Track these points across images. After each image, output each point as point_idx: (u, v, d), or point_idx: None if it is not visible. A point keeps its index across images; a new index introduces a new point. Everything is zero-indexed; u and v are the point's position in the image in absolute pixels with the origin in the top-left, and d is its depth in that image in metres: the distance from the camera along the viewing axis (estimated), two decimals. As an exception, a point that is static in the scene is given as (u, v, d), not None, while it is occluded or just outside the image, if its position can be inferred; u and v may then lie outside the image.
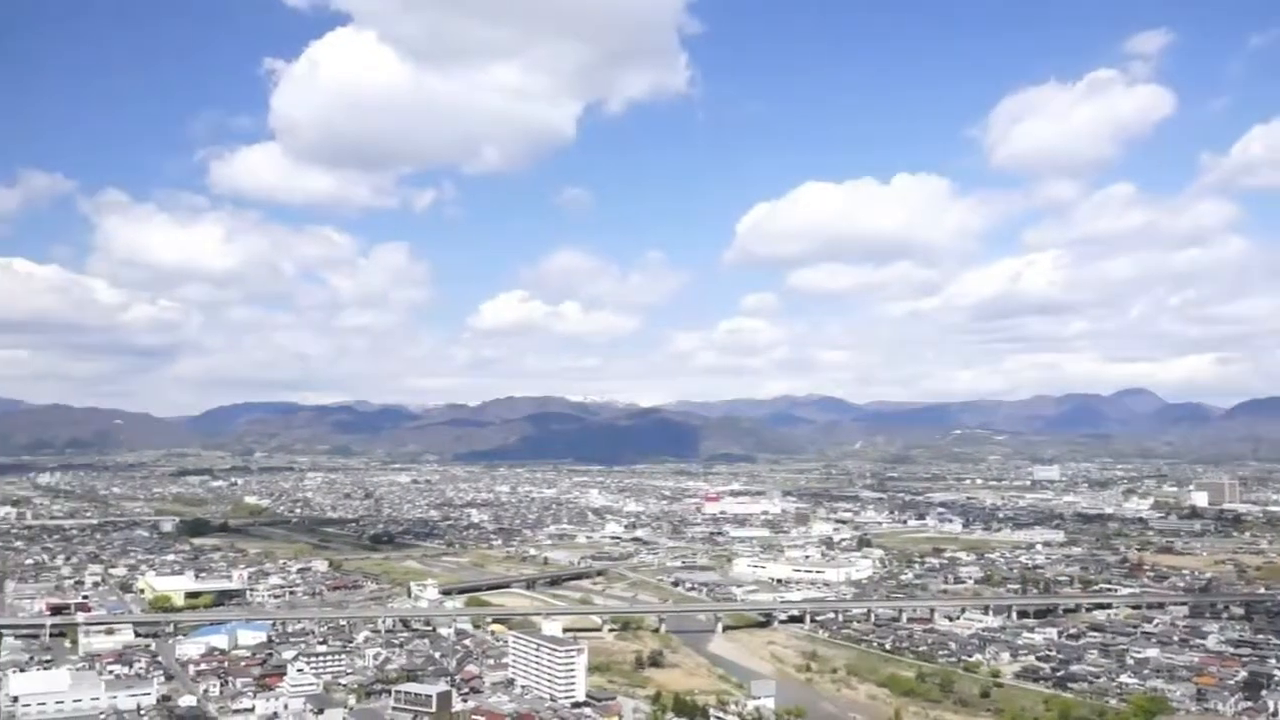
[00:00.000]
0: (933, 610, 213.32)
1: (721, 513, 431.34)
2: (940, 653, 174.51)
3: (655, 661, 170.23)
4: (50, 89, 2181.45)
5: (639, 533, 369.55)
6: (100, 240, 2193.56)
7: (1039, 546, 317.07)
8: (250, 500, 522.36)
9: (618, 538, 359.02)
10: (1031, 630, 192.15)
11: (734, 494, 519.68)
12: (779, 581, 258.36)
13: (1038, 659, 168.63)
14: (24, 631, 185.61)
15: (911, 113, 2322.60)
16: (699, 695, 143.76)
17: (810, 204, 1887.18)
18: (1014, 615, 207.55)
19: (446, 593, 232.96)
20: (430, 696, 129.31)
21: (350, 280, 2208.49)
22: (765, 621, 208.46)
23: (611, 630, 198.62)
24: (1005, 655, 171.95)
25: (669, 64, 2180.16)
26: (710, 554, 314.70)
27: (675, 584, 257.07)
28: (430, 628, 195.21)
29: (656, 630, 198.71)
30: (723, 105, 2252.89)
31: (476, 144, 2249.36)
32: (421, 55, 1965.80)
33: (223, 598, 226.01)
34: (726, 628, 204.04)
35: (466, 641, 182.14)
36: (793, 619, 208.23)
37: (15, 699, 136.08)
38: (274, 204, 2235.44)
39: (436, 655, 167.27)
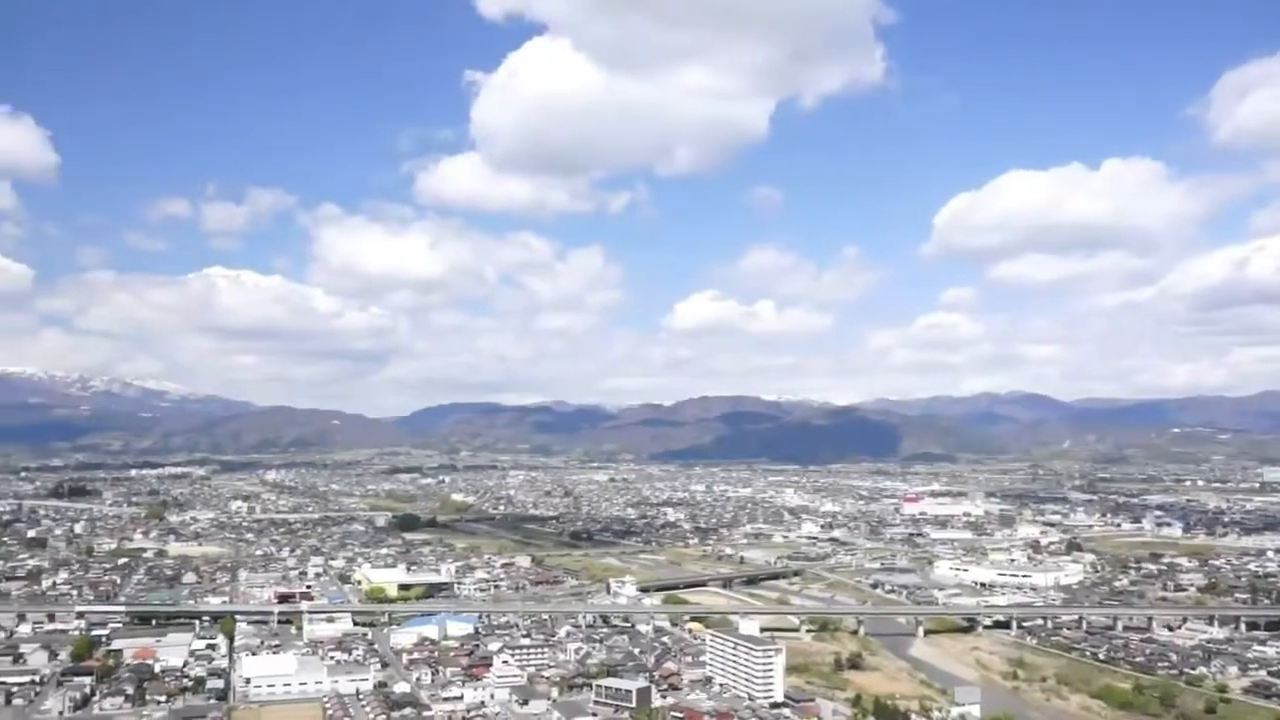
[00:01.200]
0: (1151, 619, 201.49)
1: (921, 514, 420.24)
2: (1160, 664, 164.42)
3: (854, 664, 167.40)
4: (272, 113, 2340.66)
5: (836, 533, 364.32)
6: (318, 251, 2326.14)
7: (1270, 553, 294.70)
8: (456, 497, 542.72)
9: (814, 538, 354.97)
10: (1263, 643, 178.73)
11: (934, 494, 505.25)
12: (982, 585, 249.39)
13: (1270, 674, 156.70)
14: (255, 618, 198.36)
15: (1121, 93, 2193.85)
16: (900, 700, 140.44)
17: (1012, 193, 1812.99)
18: (1242, 627, 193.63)
19: (644, 590, 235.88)
20: (630, 692, 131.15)
21: (548, 284, 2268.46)
22: (969, 626, 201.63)
23: (809, 631, 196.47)
24: (1233, 669, 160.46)
25: (864, 56, 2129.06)
26: (910, 556, 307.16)
27: (874, 586, 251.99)
28: (629, 624, 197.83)
29: (855, 632, 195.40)
30: (919, 96, 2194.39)
31: (669, 146, 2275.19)
32: (614, 61, 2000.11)
33: (432, 590, 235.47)
34: (928, 632, 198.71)
35: (664, 638, 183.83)
36: (998, 624, 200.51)
37: (248, 680, 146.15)
38: (475, 212, 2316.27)
39: (635, 651, 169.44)
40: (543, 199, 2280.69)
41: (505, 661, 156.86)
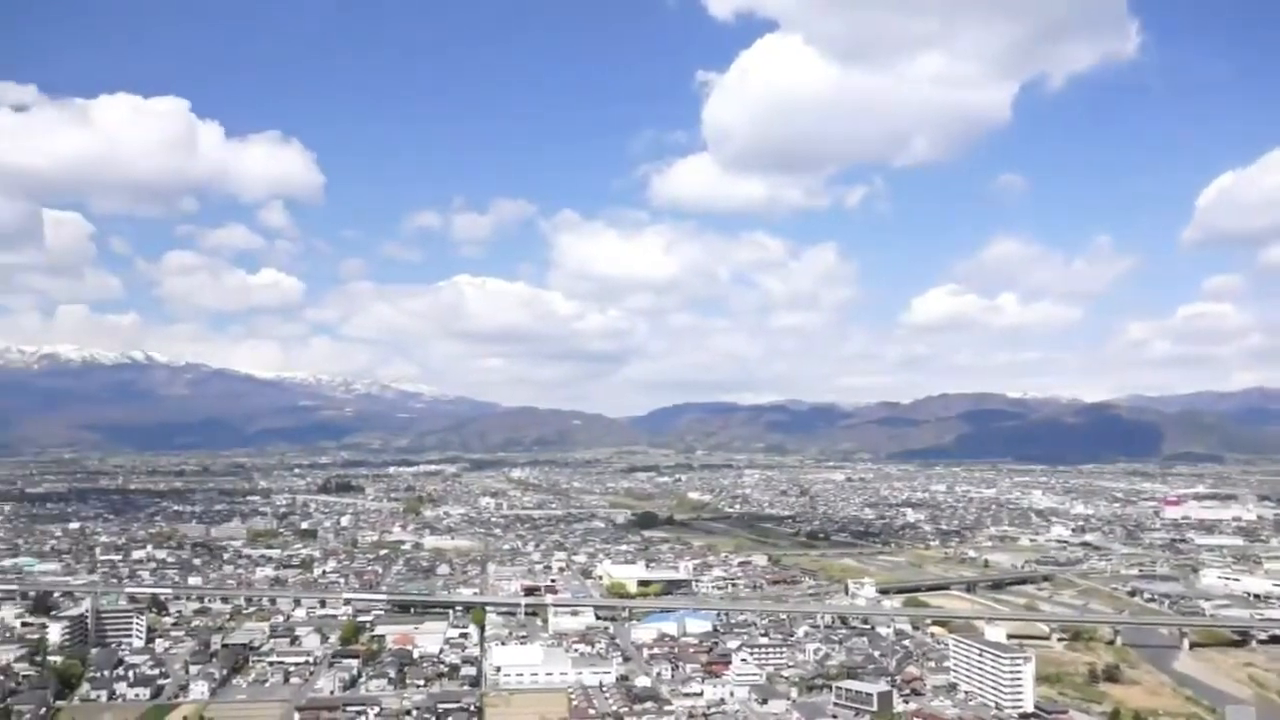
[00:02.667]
0: None
1: (1184, 518, 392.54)
2: None
3: (1111, 676, 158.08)
4: (513, 127, 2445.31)
5: (1088, 537, 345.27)
6: (557, 257, 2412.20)
7: None
8: (693, 495, 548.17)
9: (1064, 541, 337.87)
10: None
11: (1198, 497, 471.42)
12: (1255, 597, 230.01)
13: None
14: (504, 609, 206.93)
15: None
16: (1163, 716, 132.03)
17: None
18: None
19: (884, 592, 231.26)
20: (871, 695, 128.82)
21: (782, 282, 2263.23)
22: (1241, 640, 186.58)
23: (1060, 640, 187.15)
24: None
25: (1116, 29, 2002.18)
26: (1171, 563, 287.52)
27: (1131, 594, 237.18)
28: (868, 626, 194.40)
29: (1111, 643, 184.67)
30: (1178, 69, 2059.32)
31: (906, 136, 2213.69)
32: (847, 53, 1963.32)
33: (670, 587, 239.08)
34: (1193, 644, 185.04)
35: (906, 642, 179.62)
36: (1274, 639, 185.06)
37: (498, 668, 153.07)
38: (708, 212, 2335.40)
39: (876, 654, 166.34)
40: (776, 197, 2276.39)
41: (744, 660, 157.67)
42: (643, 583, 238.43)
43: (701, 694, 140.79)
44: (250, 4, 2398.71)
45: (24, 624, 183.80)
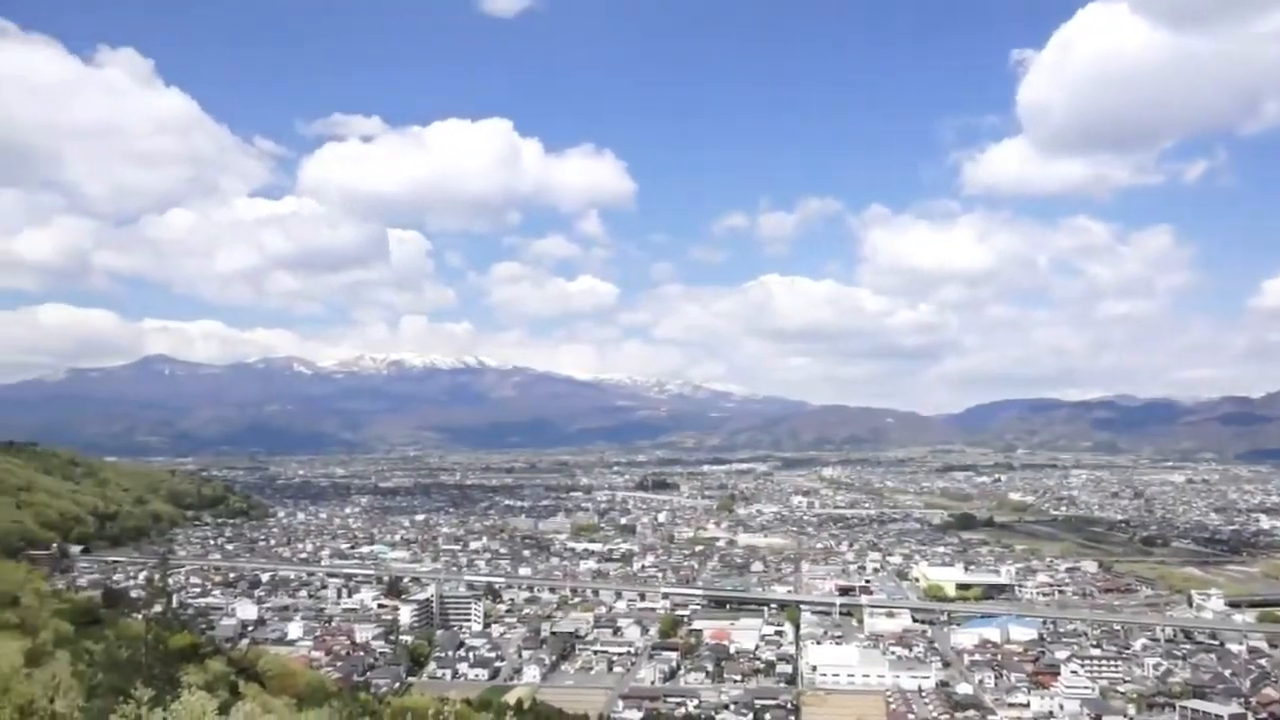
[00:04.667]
0: None
1: None
2: None
3: None
4: (818, 123, 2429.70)
5: None
6: (866, 252, 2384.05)
7: None
8: (1014, 496, 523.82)
9: None
10: None
11: None
12: None
13: None
14: (818, 608, 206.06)
15: None
16: None
17: None
18: None
19: (1234, 604, 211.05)
20: (1222, 717, 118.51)
21: (1109, 269, 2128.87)
22: None
23: None
24: None
25: None
26: None
27: None
28: (1217, 642, 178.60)
29: None
30: None
31: (1254, 101, 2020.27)
32: (1179, 18, 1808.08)
33: (991, 591, 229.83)
34: None
35: (1261, 661, 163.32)
36: None
37: (814, 667, 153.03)
38: (1024, 198, 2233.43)
39: (1226, 673, 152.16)
40: (1100, 177, 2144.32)
41: (1074, 671, 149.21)
42: (962, 586, 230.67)
43: (1028, 705, 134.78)
44: (561, 29, 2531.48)
45: (379, 605, 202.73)
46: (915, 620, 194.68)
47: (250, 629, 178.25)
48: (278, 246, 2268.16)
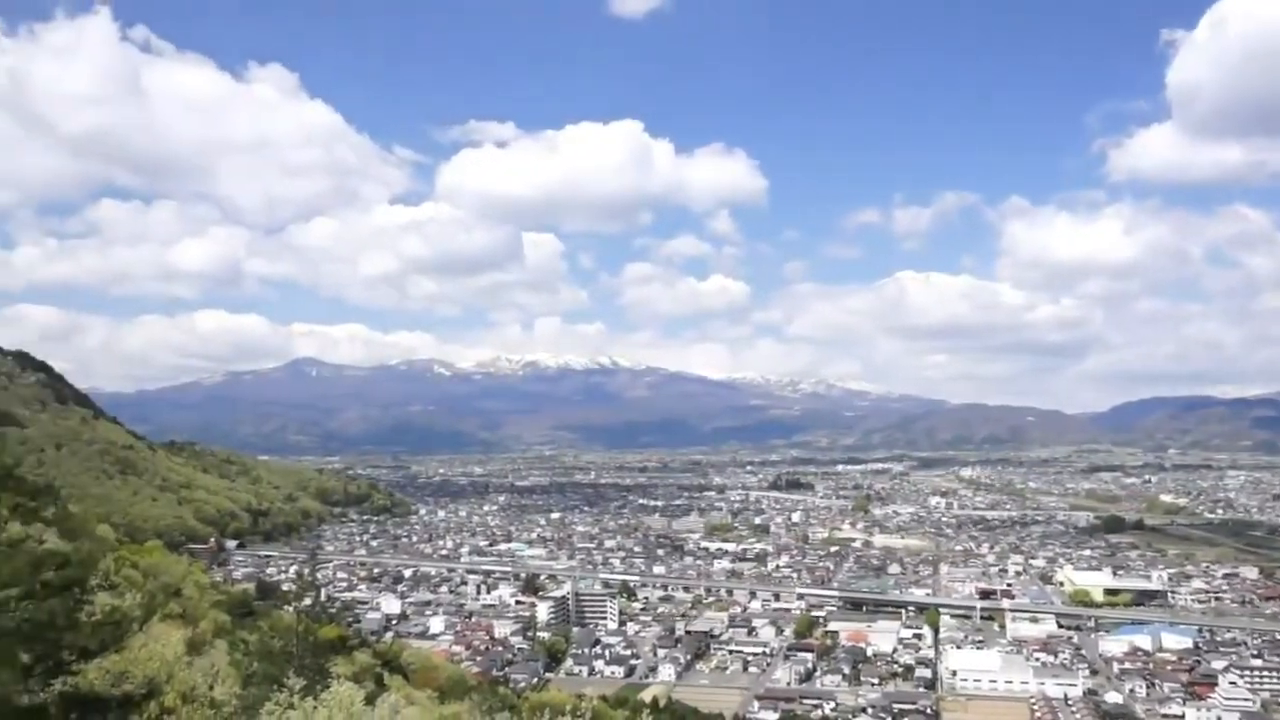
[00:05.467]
0: None
1: None
2: None
3: None
4: (954, 115, 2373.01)
5: None
6: (1005, 246, 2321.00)
7: None
8: (1165, 499, 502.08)
9: None
10: None
11: None
12: None
13: None
14: (958, 612, 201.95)
15: None
16: None
17: None
18: None
19: None
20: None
21: (1269, 259, 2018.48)
22: None
23: None
24: None
25: None
26: None
27: None
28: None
29: None
30: None
31: None
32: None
33: (1142, 597, 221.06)
34: None
35: None
36: None
37: (954, 672, 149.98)
38: (1174, 186, 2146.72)
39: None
40: (1259, 162, 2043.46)
41: (1233, 682, 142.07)
42: (1109, 591, 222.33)
43: (1182, 716, 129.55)
44: (690, 29, 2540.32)
45: (517, 602, 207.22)
46: (1060, 626, 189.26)
47: (394, 623, 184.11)
48: (417, 251, 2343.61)
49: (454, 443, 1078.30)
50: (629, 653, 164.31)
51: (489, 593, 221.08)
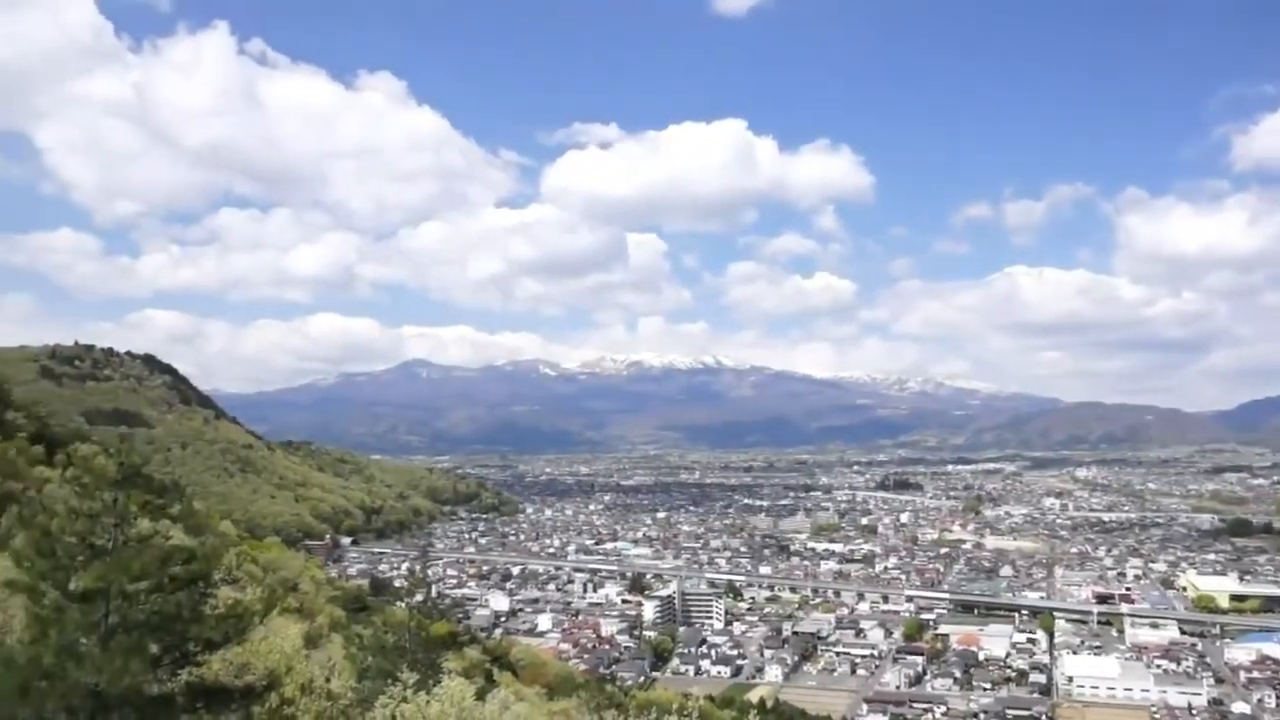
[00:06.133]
0: None
1: None
2: None
3: None
4: (1066, 104, 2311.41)
5: None
6: (1122, 239, 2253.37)
7: None
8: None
9: None
10: None
11: None
12: None
13: None
14: (1073, 616, 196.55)
15: None
16: None
17: None
18: None
19: None
20: None
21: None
22: None
23: None
24: None
25: None
26: None
27: None
28: None
29: None
30: None
31: None
32: None
33: (1270, 604, 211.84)
34: None
35: None
36: None
37: (1070, 678, 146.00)
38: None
39: None
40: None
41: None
42: (1236, 597, 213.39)
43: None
44: (791, 25, 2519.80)
45: (623, 600, 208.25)
46: (1183, 632, 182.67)
47: (503, 620, 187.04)
48: (522, 253, 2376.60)
49: (560, 442, 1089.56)
50: (735, 653, 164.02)
51: (595, 591, 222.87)
